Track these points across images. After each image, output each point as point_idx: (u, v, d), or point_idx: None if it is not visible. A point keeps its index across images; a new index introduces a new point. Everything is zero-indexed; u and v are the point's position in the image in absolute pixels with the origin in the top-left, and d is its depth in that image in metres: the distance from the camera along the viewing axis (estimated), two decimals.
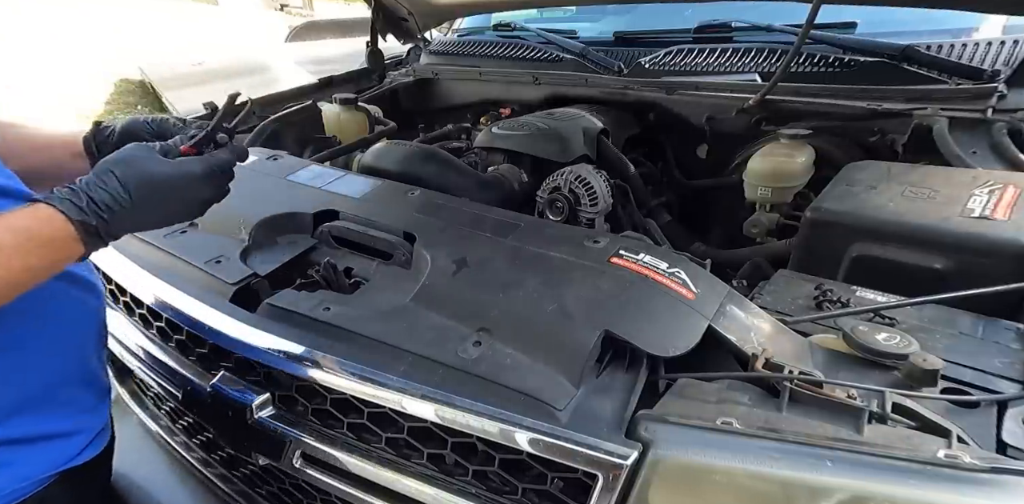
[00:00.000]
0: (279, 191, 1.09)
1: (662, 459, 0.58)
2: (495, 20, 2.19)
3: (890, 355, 0.68)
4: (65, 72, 5.90)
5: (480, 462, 0.69)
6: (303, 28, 5.46)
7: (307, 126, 1.72)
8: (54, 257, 0.61)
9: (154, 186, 0.66)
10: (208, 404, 0.86)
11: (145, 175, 0.66)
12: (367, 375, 0.71)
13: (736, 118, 1.50)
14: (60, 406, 0.77)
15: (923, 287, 0.81)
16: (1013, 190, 0.94)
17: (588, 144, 1.45)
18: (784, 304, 0.85)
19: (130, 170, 0.65)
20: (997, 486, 0.50)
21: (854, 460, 0.54)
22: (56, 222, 0.60)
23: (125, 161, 0.66)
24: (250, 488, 0.98)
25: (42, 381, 0.75)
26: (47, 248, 0.60)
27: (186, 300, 0.86)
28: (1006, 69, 1.25)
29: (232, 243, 0.95)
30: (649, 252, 0.82)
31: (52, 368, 0.76)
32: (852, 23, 1.52)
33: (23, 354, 0.72)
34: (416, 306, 0.79)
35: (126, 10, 7.81)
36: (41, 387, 0.75)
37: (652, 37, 1.83)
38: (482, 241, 0.89)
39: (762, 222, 1.32)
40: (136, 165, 0.66)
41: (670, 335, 0.69)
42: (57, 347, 0.76)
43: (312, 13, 10.52)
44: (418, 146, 1.39)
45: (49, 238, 0.60)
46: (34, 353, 0.73)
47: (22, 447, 0.72)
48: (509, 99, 1.91)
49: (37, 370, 0.74)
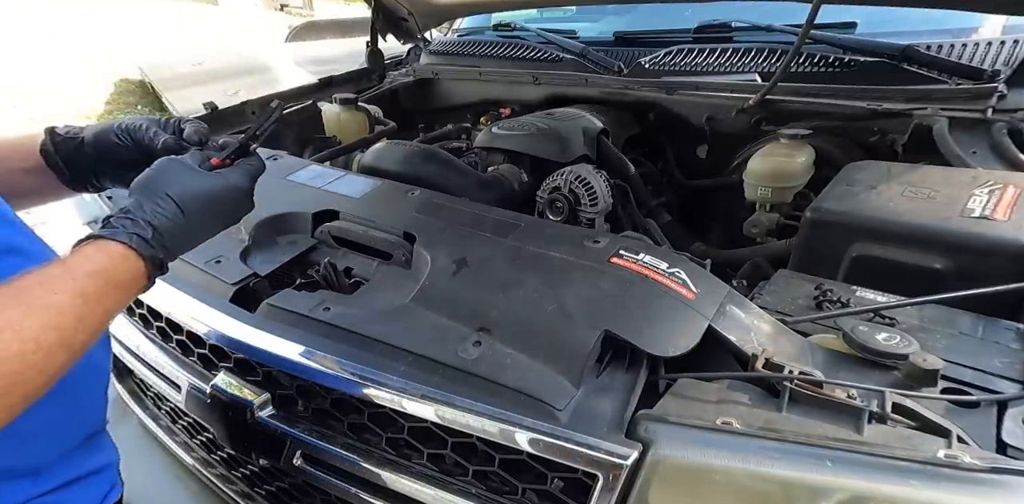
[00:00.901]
0: (279, 191, 1.09)
1: (662, 459, 0.58)
2: (495, 20, 2.19)
3: (890, 355, 0.68)
4: (65, 72, 5.90)
5: (480, 462, 0.69)
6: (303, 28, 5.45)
7: (307, 126, 1.72)
8: (128, 297, 0.58)
9: (210, 204, 0.63)
10: (208, 404, 0.86)
11: (202, 195, 0.62)
12: (367, 375, 0.71)
13: (736, 118, 1.50)
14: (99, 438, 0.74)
15: (923, 287, 0.81)
16: (1013, 190, 0.94)
17: (588, 144, 1.45)
18: (784, 304, 0.85)
19: (186, 191, 0.61)
20: (997, 486, 0.50)
21: (854, 460, 0.54)
22: (130, 261, 0.56)
23: (175, 181, 0.62)
24: (250, 488, 0.98)
25: (89, 417, 0.71)
26: (123, 289, 0.56)
27: (186, 300, 0.86)
28: (1006, 69, 1.25)
29: (232, 243, 0.95)
30: (649, 252, 0.82)
31: (95, 405, 0.73)
32: (852, 23, 1.52)
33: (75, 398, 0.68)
34: (416, 306, 0.79)
35: (126, 10, 7.81)
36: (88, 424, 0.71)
37: (652, 37, 1.83)
38: (482, 241, 0.89)
39: (762, 222, 1.32)
40: (189, 185, 0.62)
41: (670, 335, 0.69)
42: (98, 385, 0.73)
43: (312, 13, 10.53)
44: (418, 146, 1.39)
45: (124, 279, 0.56)
46: (83, 395, 0.70)
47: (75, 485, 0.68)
48: (509, 99, 1.91)
49: (86, 409, 0.71)
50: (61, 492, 0.65)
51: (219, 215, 0.66)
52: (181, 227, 0.60)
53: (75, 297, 0.51)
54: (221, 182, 0.65)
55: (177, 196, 0.61)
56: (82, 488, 0.68)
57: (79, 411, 0.69)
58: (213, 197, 0.64)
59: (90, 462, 0.70)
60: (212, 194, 0.64)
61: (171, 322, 0.91)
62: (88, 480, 0.69)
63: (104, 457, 0.73)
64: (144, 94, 5.65)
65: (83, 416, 0.70)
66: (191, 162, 0.65)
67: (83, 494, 0.68)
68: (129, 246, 0.56)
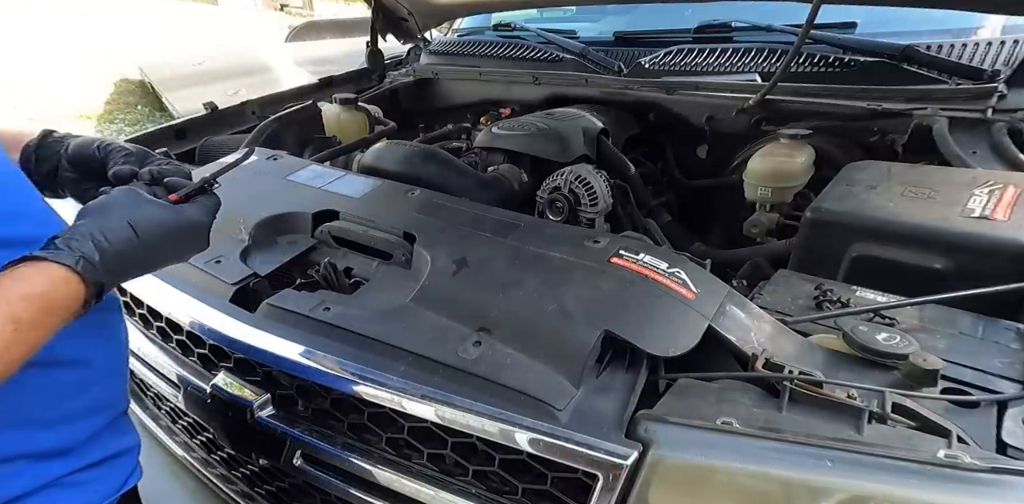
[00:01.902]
0: (279, 191, 1.09)
1: (662, 459, 0.58)
2: (495, 20, 2.19)
3: (890, 355, 0.68)
4: (65, 72, 5.90)
5: (480, 462, 0.69)
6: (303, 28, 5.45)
7: (307, 126, 1.72)
8: (60, 323, 0.53)
9: (167, 234, 0.61)
10: (208, 404, 0.86)
11: (163, 225, 0.61)
12: (367, 375, 0.71)
13: (736, 118, 1.50)
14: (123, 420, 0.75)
15: (923, 287, 0.81)
16: (1013, 190, 0.94)
17: (588, 144, 1.45)
18: (784, 304, 0.85)
19: (144, 219, 0.59)
20: (997, 486, 0.50)
21: (854, 460, 0.54)
22: (71, 285, 0.53)
23: (135, 209, 0.60)
24: (250, 488, 0.98)
25: (116, 397, 0.72)
26: (57, 316, 0.52)
27: (186, 300, 0.86)
28: (1006, 69, 1.25)
29: (232, 243, 0.95)
30: (649, 252, 0.82)
31: (121, 384, 0.73)
32: (852, 23, 1.52)
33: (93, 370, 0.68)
34: (416, 306, 0.79)
35: (126, 10, 7.81)
36: (117, 403, 0.72)
37: (652, 37, 1.83)
38: (482, 241, 0.89)
39: (762, 222, 1.32)
40: (149, 213, 0.60)
41: (670, 335, 0.69)
42: (123, 363, 0.74)
43: (312, 13, 10.53)
44: (418, 146, 1.39)
45: (61, 305, 0.52)
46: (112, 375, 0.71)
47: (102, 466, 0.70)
48: (509, 99, 1.91)
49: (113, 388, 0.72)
50: (89, 472, 0.67)
51: (174, 246, 0.64)
52: (133, 253, 0.58)
53: (6, 323, 0.48)
54: (182, 214, 0.63)
55: (135, 222, 0.58)
56: (107, 468, 0.70)
57: (108, 392, 0.71)
58: (172, 228, 0.62)
59: (115, 443, 0.72)
60: (171, 225, 0.62)
61: (171, 322, 0.91)
62: (113, 462, 0.71)
63: (129, 440, 0.75)
64: (144, 94, 5.65)
65: (111, 396, 0.72)
66: (143, 194, 0.63)
67: (108, 474, 0.70)
68: (73, 269, 0.53)
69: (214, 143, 1.57)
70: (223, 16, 8.94)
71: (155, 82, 4.99)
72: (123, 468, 0.73)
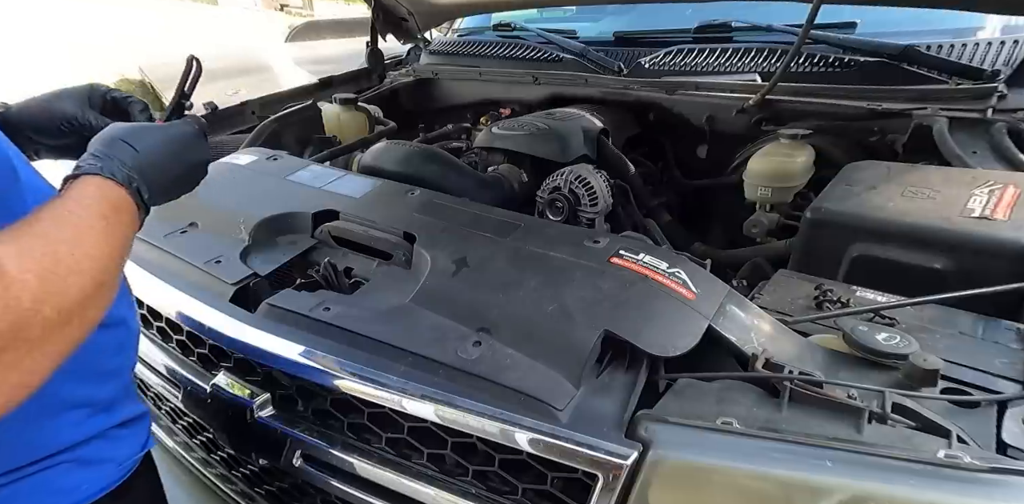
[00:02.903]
0: (279, 191, 1.09)
1: (662, 459, 0.58)
2: (495, 20, 2.19)
3: (890, 355, 0.68)
4: (65, 72, 5.89)
5: (480, 462, 0.69)
6: (303, 28, 5.45)
7: (307, 126, 1.72)
8: (131, 230, 0.59)
9: (167, 145, 0.66)
10: (208, 404, 0.86)
11: (159, 138, 0.66)
12: (367, 375, 0.71)
13: (736, 118, 1.50)
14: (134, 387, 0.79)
15: (923, 287, 0.81)
16: (1013, 190, 0.94)
17: (588, 144, 1.45)
18: (784, 304, 0.85)
19: (142, 137, 0.64)
20: (997, 486, 0.50)
21: (854, 460, 0.54)
22: (117, 191, 0.57)
23: (130, 132, 0.64)
24: (250, 488, 0.98)
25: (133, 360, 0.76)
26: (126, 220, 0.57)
27: (186, 300, 0.86)
28: (1006, 69, 1.25)
29: (232, 243, 0.95)
30: (649, 252, 0.82)
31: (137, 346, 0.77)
32: (852, 23, 1.52)
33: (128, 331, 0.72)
34: (416, 306, 0.79)
35: (126, 10, 7.81)
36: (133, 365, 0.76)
37: (652, 37, 1.83)
38: (482, 241, 0.89)
39: (762, 222, 1.32)
40: (143, 133, 0.65)
41: (670, 335, 0.69)
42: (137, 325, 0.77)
43: (312, 13, 10.53)
44: (418, 146, 1.39)
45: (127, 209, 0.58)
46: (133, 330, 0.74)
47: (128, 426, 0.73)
48: (509, 99, 1.91)
49: (136, 346, 0.76)
50: (122, 429, 0.71)
51: (179, 160, 0.69)
52: (148, 165, 0.62)
53: (95, 218, 0.53)
54: (168, 131, 0.69)
55: (134, 141, 0.63)
56: (133, 428, 0.74)
57: (135, 353, 0.76)
58: (168, 142, 0.67)
59: (136, 407, 0.75)
60: (165, 137, 0.67)
61: (171, 322, 0.91)
62: (135, 423, 0.74)
63: (142, 406, 0.78)
64: (144, 94, 5.64)
65: (133, 359, 0.76)
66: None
67: (133, 433, 0.74)
68: (114, 180, 0.57)
69: (214, 143, 1.57)
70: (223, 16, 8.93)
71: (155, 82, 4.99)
72: (142, 431, 0.76)
